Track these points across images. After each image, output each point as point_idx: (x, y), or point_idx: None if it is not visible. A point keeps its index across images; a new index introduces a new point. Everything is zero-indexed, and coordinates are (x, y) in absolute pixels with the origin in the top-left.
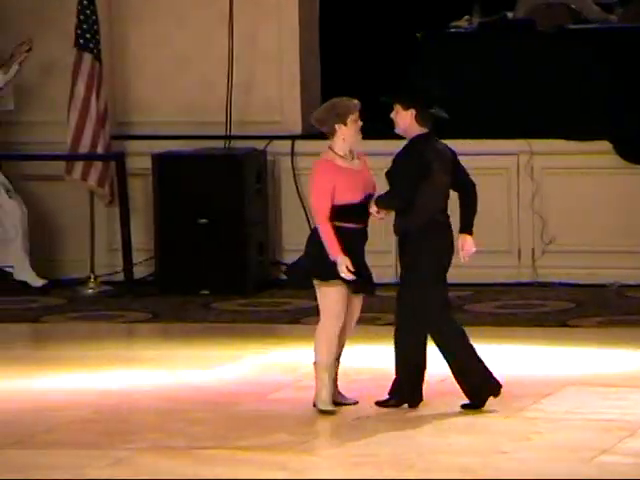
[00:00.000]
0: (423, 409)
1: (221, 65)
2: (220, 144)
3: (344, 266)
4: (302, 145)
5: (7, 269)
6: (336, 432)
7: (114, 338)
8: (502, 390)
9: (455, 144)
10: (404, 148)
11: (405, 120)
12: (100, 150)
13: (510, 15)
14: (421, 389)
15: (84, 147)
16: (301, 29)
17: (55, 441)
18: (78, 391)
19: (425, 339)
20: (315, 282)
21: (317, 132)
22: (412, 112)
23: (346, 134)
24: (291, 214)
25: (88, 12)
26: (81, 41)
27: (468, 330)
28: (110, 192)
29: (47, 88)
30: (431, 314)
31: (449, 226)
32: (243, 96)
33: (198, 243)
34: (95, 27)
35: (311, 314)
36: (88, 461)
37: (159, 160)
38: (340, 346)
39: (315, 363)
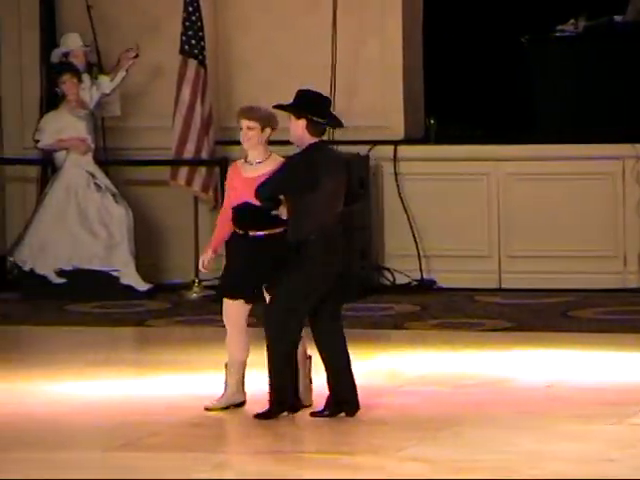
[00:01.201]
0: (527, 416)
1: (324, 71)
2: None
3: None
4: (405, 150)
5: (113, 273)
6: (437, 439)
7: (217, 342)
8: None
9: (560, 149)
10: (295, 156)
11: (297, 129)
12: (204, 155)
13: (618, 19)
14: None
15: (189, 152)
16: (404, 34)
17: (160, 444)
18: (182, 395)
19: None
20: None
21: (420, 137)
22: (303, 122)
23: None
24: (394, 219)
25: (194, 18)
26: (186, 47)
27: (573, 336)
28: (214, 197)
29: (153, 94)
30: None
31: (340, 237)
32: (346, 101)
33: None
34: (200, 33)
35: (414, 319)
36: (193, 464)
37: None
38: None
39: None
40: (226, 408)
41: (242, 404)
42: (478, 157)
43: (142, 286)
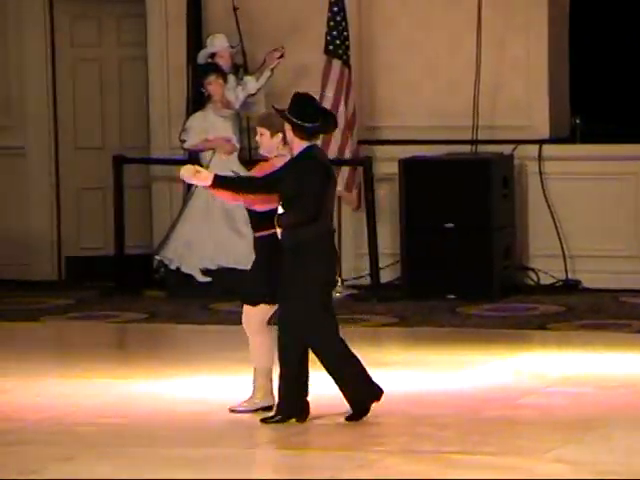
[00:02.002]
0: None
1: (468, 69)
2: (467, 148)
3: None
4: (550, 149)
5: None
6: (583, 441)
7: (360, 341)
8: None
9: None
10: (300, 161)
11: (288, 133)
12: (348, 155)
13: None
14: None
15: (332, 152)
16: (550, 32)
17: (305, 443)
18: (325, 394)
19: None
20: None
21: (565, 136)
22: (289, 126)
23: None
24: (538, 219)
25: (338, 18)
26: (331, 47)
27: None
28: (357, 197)
29: None
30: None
31: (333, 242)
32: (490, 100)
33: (444, 248)
34: (345, 33)
35: (559, 320)
36: (339, 462)
37: (406, 165)
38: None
39: None
40: (254, 411)
41: (269, 408)
42: (625, 156)
43: None
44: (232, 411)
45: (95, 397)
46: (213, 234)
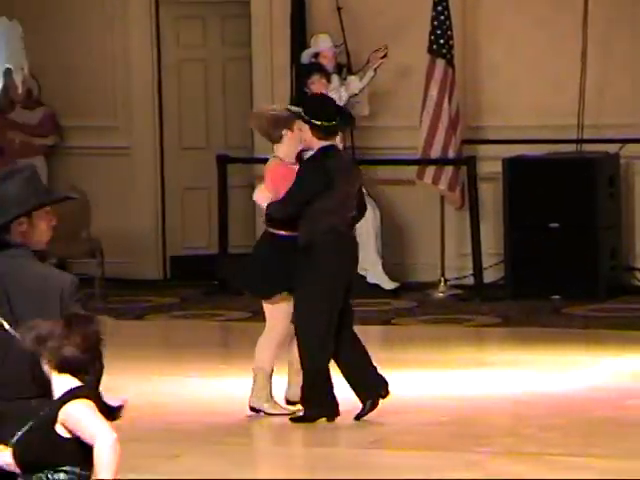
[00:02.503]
0: None
1: (573, 68)
2: (572, 148)
3: None
4: None
5: (360, 272)
6: None
7: (463, 341)
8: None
9: None
10: (305, 164)
11: (305, 133)
12: (451, 154)
13: None
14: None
15: (435, 152)
16: None
17: (409, 442)
18: (429, 394)
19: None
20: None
21: None
22: (307, 126)
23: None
24: None
25: (442, 18)
26: (434, 47)
27: None
28: (460, 196)
29: (400, 94)
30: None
31: (353, 238)
32: (595, 99)
33: (549, 247)
34: (449, 32)
35: None
36: (439, 463)
37: (510, 164)
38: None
39: None
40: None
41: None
42: None
43: (389, 285)
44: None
45: (199, 394)
46: None
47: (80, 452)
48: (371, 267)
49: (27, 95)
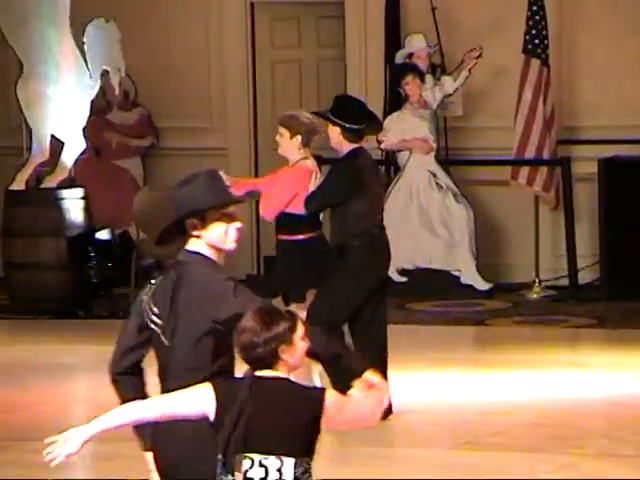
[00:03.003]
0: None
1: None
2: None
3: None
4: None
5: (454, 272)
6: None
7: (558, 343)
8: None
9: None
10: (337, 165)
11: (334, 136)
12: (546, 155)
13: None
14: None
15: (530, 152)
16: None
17: (503, 443)
18: (522, 395)
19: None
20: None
21: None
22: (338, 129)
23: None
24: None
25: (537, 17)
26: (529, 46)
27: None
28: (555, 197)
29: (495, 94)
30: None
31: (386, 241)
32: None
33: None
34: (544, 32)
35: None
36: (535, 464)
37: (605, 165)
38: None
39: None
40: None
41: None
42: None
43: (482, 285)
44: None
45: None
46: (409, 234)
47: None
48: (465, 268)
49: (124, 97)
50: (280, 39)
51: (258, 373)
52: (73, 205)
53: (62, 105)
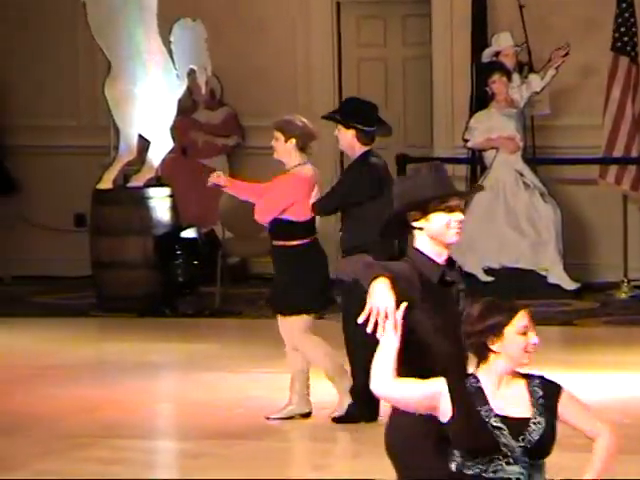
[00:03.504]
0: None
1: None
2: None
3: None
4: None
5: (540, 272)
6: None
7: None
8: None
9: None
10: (354, 166)
11: (346, 139)
12: (634, 153)
13: None
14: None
15: (618, 150)
16: None
17: (588, 444)
18: (610, 396)
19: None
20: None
21: None
22: (352, 131)
23: None
24: None
25: (627, 15)
26: (618, 44)
27: None
28: None
29: (583, 92)
30: None
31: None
32: None
33: None
34: (633, 29)
35: None
36: (621, 466)
37: None
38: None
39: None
40: (289, 418)
41: (308, 414)
42: None
43: (570, 285)
44: (268, 419)
45: None
46: (496, 233)
47: None
48: (552, 267)
49: (210, 96)
50: (366, 38)
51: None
52: (160, 204)
53: (149, 104)
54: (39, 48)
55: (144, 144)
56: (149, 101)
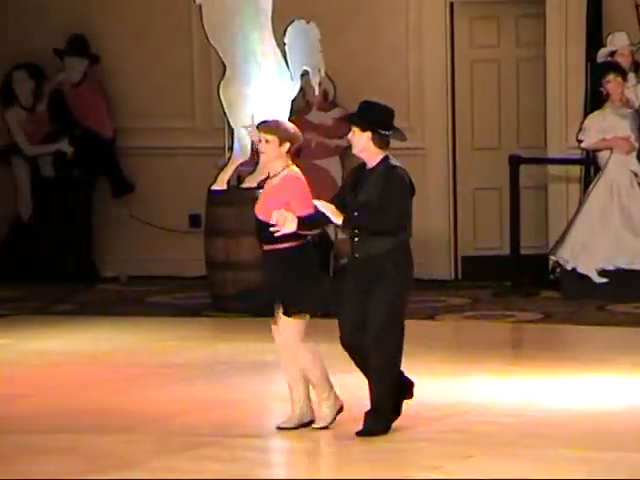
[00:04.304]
0: None
1: None
2: None
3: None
4: None
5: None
6: None
7: None
8: None
9: None
10: (389, 171)
11: (361, 142)
12: None
13: None
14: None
15: None
16: None
17: None
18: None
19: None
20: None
21: None
22: (369, 135)
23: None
24: None
25: None
26: None
27: None
28: None
29: None
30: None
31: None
32: None
33: None
34: None
35: None
36: None
37: None
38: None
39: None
40: (296, 428)
41: (310, 422)
42: None
43: None
44: (279, 429)
45: (491, 396)
46: (610, 234)
47: None
48: None
49: (323, 97)
50: (479, 38)
51: None
52: None
53: (263, 105)
54: (155, 51)
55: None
56: (263, 102)
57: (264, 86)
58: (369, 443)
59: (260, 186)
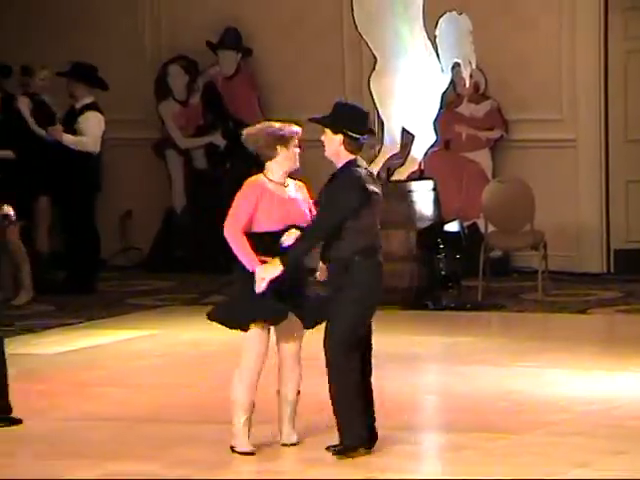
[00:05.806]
0: None
1: None
2: None
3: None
4: None
5: None
6: None
7: None
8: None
9: None
10: (340, 175)
11: (333, 144)
12: None
13: None
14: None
15: None
16: None
17: None
18: None
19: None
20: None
21: None
22: (340, 138)
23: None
24: None
25: None
26: None
27: None
28: None
29: None
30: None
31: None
32: None
33: None
34: None
35: None
36: None
37: None
38: (284, 384)
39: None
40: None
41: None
42: None
43: None
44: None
45: None
46: None
47: None
48: None
49: (474, 89)
50: (634, 29)
51: None
52: (423, 197)
53: (414, 98)
54: (306, 44)
55: (408, 138)
56: (414, 95)
57: (414, 79)
58: (520, 438)
59: (410, 178)
